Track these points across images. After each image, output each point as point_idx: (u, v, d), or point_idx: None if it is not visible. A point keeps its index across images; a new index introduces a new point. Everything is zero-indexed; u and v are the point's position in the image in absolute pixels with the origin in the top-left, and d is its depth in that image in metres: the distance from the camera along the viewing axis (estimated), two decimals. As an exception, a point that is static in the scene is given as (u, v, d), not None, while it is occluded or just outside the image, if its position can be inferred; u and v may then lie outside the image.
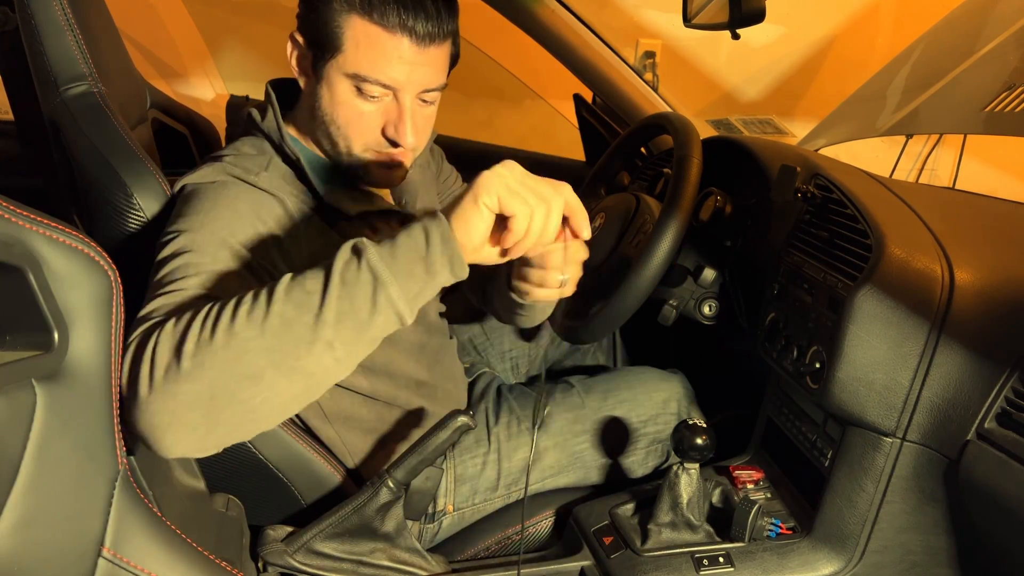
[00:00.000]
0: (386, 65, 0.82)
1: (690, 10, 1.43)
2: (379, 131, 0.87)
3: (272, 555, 0.90)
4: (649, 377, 1.22)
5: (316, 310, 0.64)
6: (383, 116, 0.86)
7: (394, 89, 0.84)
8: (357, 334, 0.66)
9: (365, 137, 0.88)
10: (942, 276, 0.86)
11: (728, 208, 1.16)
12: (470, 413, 0.87)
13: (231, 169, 0.86)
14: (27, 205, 0.57)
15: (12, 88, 1.34)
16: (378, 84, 0.83)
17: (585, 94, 1.74)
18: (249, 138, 0.93)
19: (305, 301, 0.64)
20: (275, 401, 0.65)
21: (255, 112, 0.92)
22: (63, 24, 0.90)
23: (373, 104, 0.85)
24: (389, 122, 0.86)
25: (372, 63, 0.82)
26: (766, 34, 3.00)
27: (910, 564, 0.93)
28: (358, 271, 0.65)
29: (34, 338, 0.57)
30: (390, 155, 0.90)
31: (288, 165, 0.90)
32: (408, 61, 0.82)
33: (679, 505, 0.96)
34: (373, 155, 0.90)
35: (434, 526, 1.06)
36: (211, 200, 0.82)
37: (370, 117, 0.86)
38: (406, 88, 0.84)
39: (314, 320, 0.64)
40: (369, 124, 0.87)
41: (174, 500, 0.81)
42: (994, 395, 0.80)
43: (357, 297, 0.65)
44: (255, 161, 0.89)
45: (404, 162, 0.92)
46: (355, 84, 0.84)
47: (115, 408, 0.64)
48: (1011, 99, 1.14)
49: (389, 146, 0.89)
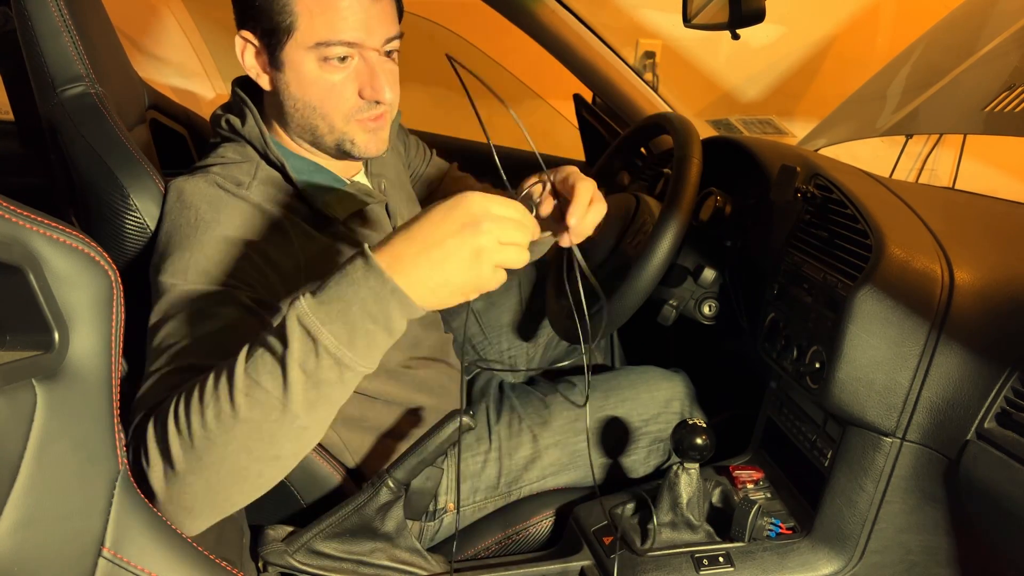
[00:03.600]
0: (343, 23, 0.82)
1: (690, 10, 1.43)
2: (356, 96, 0.87)
3: (272, 555, 0.90)
4: (651, 376, 1.21)
5: (281, 407, 0.63)
6: (355, 79, 0.86)
7: (358, 45, 0.84)
8: (330, 408, 0.66)
9: (343, 107, 0.87)
10: (942, 276, 0.86)
11: (728, 208, 1.16)
12: (470, 413, 0.87)
13: (221, 182, 0.86)
14: (27, 205, 0.57)
15: (12, 88, 1.35)
16: (342, 44, 0.83)
17: (585, 94, 1.74)
18: (231, 144, 0.92)
19: (268, 401, 0.63)
20: (271, 474, 0.68)
21: (234, 119, 0.91)
22: (60, 25, 0.90)
23: (342, 71, 0.85)
24: (363, 84, 0.86)
25: (330, 25, 0.82)
26: (766, 34, 3.00)
27: (910, 564, 0.93)
28: (317, 360, 0.62)
29: (34, 338, 0.57)
30: (372, 116, 0.90)
31: (274, 169, 0.90)
32: (364, 12, 0.82)
33: (679, 505, 0.96)
34: (356, 123, 0.89)
35: (435, 524, 1.06)
36: (202, 229, 0.81)
37: (343, 85, 0.86)
38: (369, 40, 0.84)
39: (282, 415, 0.63)
40: (343, 92, 0.86)
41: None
42: (994, 395, 0.80)
43: (323, 384, 0.63)
44: (242, 169, 0.88)
45: (385, 123, 0.92)
46: (319, 56, 0.83)
47: (115, 408, 0.64)
48: (1011, 99, 1.14)
49: (368, 108, 0.88)
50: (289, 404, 0.63)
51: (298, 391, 0.62)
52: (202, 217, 0.83)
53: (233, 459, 0.64)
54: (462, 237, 0.62)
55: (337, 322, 0.61)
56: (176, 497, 0.66)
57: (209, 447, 0.64)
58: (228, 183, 0.86)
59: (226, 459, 0.64)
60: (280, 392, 0.62)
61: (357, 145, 0.91)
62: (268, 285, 0.83)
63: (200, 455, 0.64)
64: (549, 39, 1.57)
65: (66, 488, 0.59)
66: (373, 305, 0.62)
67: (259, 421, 0.63)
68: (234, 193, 0.85)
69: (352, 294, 0.61)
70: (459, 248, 0.62)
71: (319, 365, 0.62)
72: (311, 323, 0.61)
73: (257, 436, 0.64)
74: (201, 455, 0.64)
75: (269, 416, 0.63)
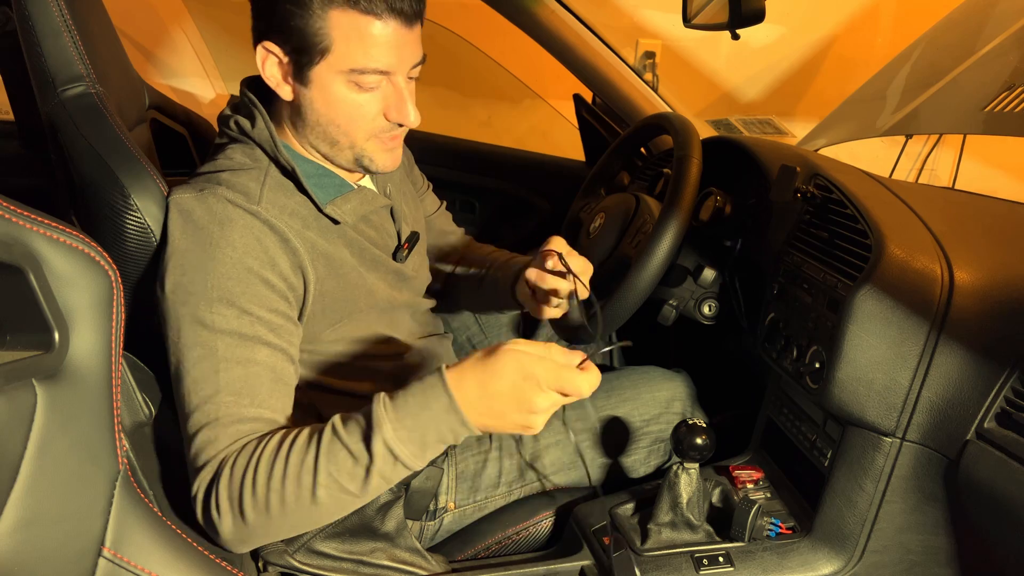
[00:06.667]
0: (379, 52, 0.82)
1: (690, 10, 1.43)
2: (381, 117, 0.87)
3: (272, 555, 0.90)
4: (653, 376, 1.21)
5: (355, 500, 0.77)
6: (382, 102, 0.86)
7: (389, 73, 0.84)
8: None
9: (369, 127, 0.88)
10: (942, 276, 0.86)
11: (728, 208, 1.16)
12: None
13: (232, 196, 0.84)
14: (27, 205, 0.57)
15: (12, 88, 1.35)
16: (376, 73, 0.83)
17: (585, 94, 1.74)
18: (239, 146, 0.91)
19: (346, 497, 0.75)
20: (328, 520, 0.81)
21: (243, 120, 0.90)
22: (60, 25, 0.90)
23: (370, 93, 0.85)
24: (389, 107, 0.87)
25: (366, 53, 0.81)
26: (766, 34, 3.00)
27: (910, 564, 0.93)
28: (393, 468, 0.74)
29: (34, 338, 0.57)
30: (392, 136, 0.91)
31: (283, 173, 0.90)
32: (399, 43, 0.82)
33: (679, 505, 0.96)
34: (376, 141, 0.90)
35: (435, 523, 1.06)
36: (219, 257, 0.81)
37: (369, 106, 0.86)
38: (400, 68, 0.84)
39: (353, 502, 0.77)
40: (369, 113, 0.87)
41: (174, 500, 0.81)
42: (994, 395, 0.80)
43: (392, 480, 0.76)
44: (251, 176, 0.87)
45: (401, 141, 0.93)
46: (350, 80, 0.83)
47: (115, 408, 0.64)
48: (1011, 99, 1.14)
49: (390, 129, 0.89)
50: (363, 498, 0.77)
51: (373, 491, 0.76)
52: (216, 242, 0.81)
53: (302, 524, 0.78)
54: (520, 395, 0.72)
55: (415, 443, 0.74)
56: (238, 538, 0.77)
57: (283, 517, 0.76)
58: (239, 197, 0.84)
59: (297, 525, 0.78)
60: (358, 491, 0.75)
61: (375, 162, 0.92)
62: (288, 304, 0.85)
63: (273, 519, 0.76)
64: (549, 39, 1.57)
65: (66, 488, 0.59)
66: (448, 434, 0.74)
67: (334, 507, 0.77)
68: (245, 208, 0.84)
69: (431, 424, 0.73)
70: (516, 407, 0.73)
71: (394, 472, 0.75)
72: (395, 445, 0.73)
73: (328, 515, 0.78)
74: (274, 520, 0.76)
75: (343, 505, 0.77)
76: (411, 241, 1.05)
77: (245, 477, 0.74)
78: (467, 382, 0.73)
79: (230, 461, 0.76)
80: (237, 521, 0.75)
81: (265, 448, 0.76)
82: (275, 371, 0.82)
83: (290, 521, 0.76)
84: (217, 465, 0.77)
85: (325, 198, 0.91)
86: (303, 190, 0.89)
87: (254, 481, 0.74)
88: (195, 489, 0.77)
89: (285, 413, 0.83)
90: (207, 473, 0.77)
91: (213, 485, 0.76)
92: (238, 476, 0.75)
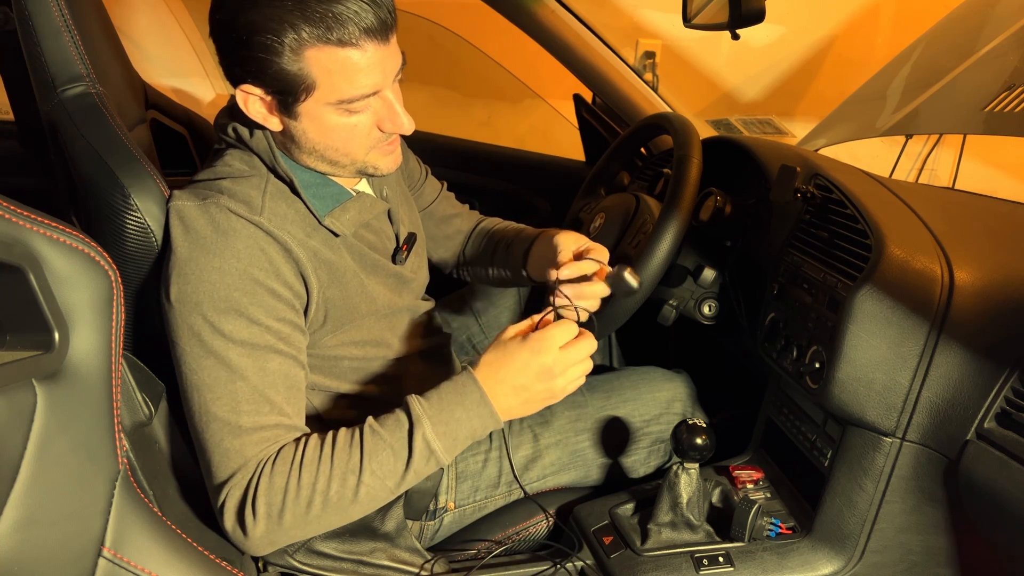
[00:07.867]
0: (365, 77, 0.81)
1: (690, 10, 1.43)
2: (376, 130, 0.87)
3: (272, 555, 0.90)
4: (653, 377, 1.21)
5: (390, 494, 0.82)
6: (374, 117, 0.86)
7: (378, 91, 0.84)
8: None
9: (366, 142, 0.88)
10: (942, 276, 0.86)
11: (728, 208, 1.16)
12: None
13: (234, 206, 0.84)
14: (27, 205, 0.57)
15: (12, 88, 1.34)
16: (363, 97, 0.83)
17: (585, 94, 1.74)
18: (238, 152, 0.90)
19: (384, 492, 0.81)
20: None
21: (241, 129, 0.89)
22: (60, 25, 0.90)
23: (362, 113, 0.85)
24: (382, 118, 0.86)
25: (351, 83, 0.81)
26: (766, 34, 3.00)
27: (910, 564, 0.93)
28: (427, 463, 0.81)
29: (34, 338, 0.57)
30: (390, 143, 0.91)
31: (282, 183, 0.90)
32: (381, 61, 0.81)
33: (679, 505, 0.96)
34: (377, 151, 0.90)
35: (435, 523, 1.06)
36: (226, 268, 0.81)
37: (363, 125, 0.86)
38: (385, 83, 0.84)
39: (387, 497, 0.82)
40: (364, 130, 0.86)
41: (174, 500, 0.81)
42: (994, 395, 0.80)
43: (422, 476, 0.83)
44: (252, 184, 0.87)
45: (398, 141, 0.93)
46: (340, 109, 0.83)
47: (115, 408, 0.64)
48: (1011, 99, 1.14)
49: (387, 137, 0.89)
50: (395, 493, 0.82)
51: (408, 484, 0.82)
52: (220, 252, 0.81)
53: (334, 523, 0.82)
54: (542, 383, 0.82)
55: (449, 438, 0.81)
56: (268, 541, 0.80)
57: (321, 517, 0.80)
58: (240, 207, 0.84)
59: (329, 524, 0.82)
60: (395, 487, 0.81)
61: (379, 168, 0.92)
62: (294, 312, 0.86)
63: (311, 521, 0.79)
64: (549, 39, 1.57)
65: (66, 488, 0.59)
66: (479, 428, 0.82)
67: (368, 504, 0.81)
68: (248, 219, 0.84)
69: (465, 418, 0.82)
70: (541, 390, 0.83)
71: (426, 467, 0.82)
72: (433, 441, 0.80)
73: (360, 513, 0.82)
74: (311, 521, 0.79)
75: (377, 502, 0.82)
76: (409, 243, 1.05)
77: (289, 481, 0.78)
78: (489, 372, 0.82)
79: (267, 467, 0.79)
80: (272, 524, 0.78)
81: (306, 452, 0.79)
82: (288, 378, 0.84)
83: (325, 521, 0.80)
84: (251, 472, 0.79)
85: (324, 209, 0.91)
86: (302, 200, 0.89)
87: (299, 484, 0.78)
88: (223, 497, 0.79)
89: (301, 418, 0.85)
90: (239, 480, 0.79)
91: (249, 491, 0.78)
92: (280, 481, 0.78)
